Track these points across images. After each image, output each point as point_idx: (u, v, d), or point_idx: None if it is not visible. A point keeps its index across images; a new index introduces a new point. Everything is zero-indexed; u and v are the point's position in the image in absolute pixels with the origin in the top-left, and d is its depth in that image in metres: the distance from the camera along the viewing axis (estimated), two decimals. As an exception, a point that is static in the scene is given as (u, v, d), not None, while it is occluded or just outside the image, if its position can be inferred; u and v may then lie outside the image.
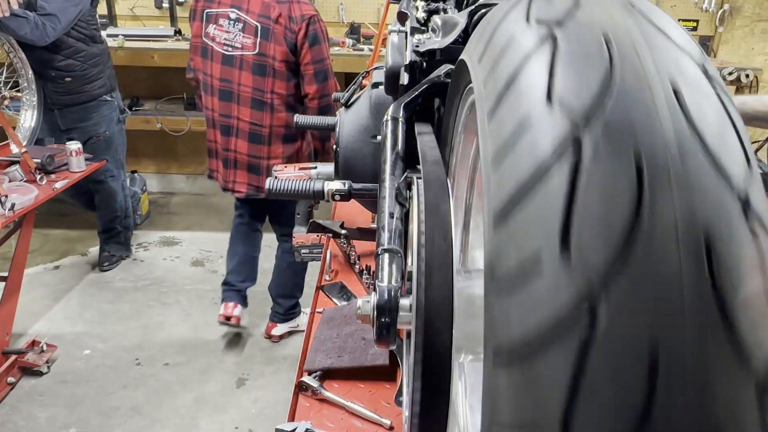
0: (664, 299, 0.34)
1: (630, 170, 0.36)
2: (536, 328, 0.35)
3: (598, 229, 0.35)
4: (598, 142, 0.37)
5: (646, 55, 0.41)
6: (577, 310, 0.34)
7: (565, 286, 0.35)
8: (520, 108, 0.41)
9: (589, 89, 0.39)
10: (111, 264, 3.66)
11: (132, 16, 4.62)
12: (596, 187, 0.36)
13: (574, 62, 0.42)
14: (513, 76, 0.44)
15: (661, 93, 0.39)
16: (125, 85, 3.92)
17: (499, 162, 0.41)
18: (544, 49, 0.43)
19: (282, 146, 2.64)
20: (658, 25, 0.45)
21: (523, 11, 0.48)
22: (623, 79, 0.40)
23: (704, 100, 0.41)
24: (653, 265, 0.34)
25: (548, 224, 0.37)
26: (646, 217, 0.35)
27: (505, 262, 0.38)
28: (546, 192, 0.37)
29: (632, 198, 0.36)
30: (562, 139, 0.38)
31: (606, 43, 0.42)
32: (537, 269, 0.36)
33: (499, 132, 0.42)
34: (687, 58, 0.43)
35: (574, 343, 0.34)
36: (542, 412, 0.35)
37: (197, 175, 4.96)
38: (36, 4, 2.88)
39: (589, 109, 0.38)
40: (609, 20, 0.44)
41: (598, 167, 0.37)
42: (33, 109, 3.02)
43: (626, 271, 0.34)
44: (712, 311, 0.34)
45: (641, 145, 0.37)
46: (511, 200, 0.39)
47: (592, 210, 0.36)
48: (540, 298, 0.36)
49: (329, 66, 2.54)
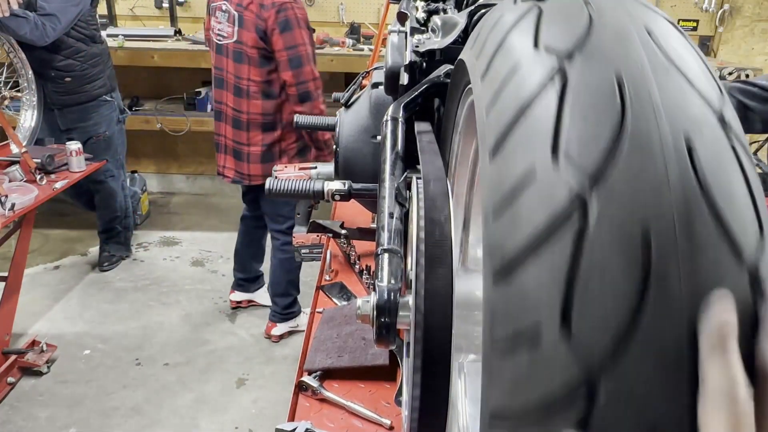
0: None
1: (636, 242, 0.35)
2: (536, 226, 0.37)
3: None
4: (603, 207, 0.36)
5: (658, 104, 0.39)
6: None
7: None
8: (526, 157, 0.40)
9: (597, 145, 0.37)
10: (111, 264, 3.66)
11: (132, 16, 4.62)
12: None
13: (583, 109, 0.39)
14: (517, 116, 0.41)
15: (673, 153, 0.37)
16: (125, 85, 3.92)
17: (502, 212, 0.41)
18: (553, 87, 0.40)
19: (261, 134, 2.66)
20: (675, 60, 0.42)
21: (531, 35, 0.45)
22: (633, 135, 0.37)
23: (719, 161, 0.38)
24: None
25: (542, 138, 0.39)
26: (653, 286, 0.34)
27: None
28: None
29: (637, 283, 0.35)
30: (568, 198, 0.37)
31: (618, 87, 0.39)
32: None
33: (500, 184, 0.41)
34: (705, 107, 0.40)
35: (571, 235, 0.35)
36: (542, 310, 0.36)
37: (197, 175, 4.96)
38: (36, 4, 2.88)
39: (597, 170, 0.37)
40: (622, 56, 0.41)
41: (603, 239, 0.36)
42: (33, 109, 3.03)
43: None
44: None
45: (648, 220, 0.36)
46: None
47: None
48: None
49: (305, 52, 2.52)
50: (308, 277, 3.12)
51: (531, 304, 0.36)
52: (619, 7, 0.45)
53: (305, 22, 2.55)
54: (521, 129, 0.41)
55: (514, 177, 0.39)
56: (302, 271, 2.98)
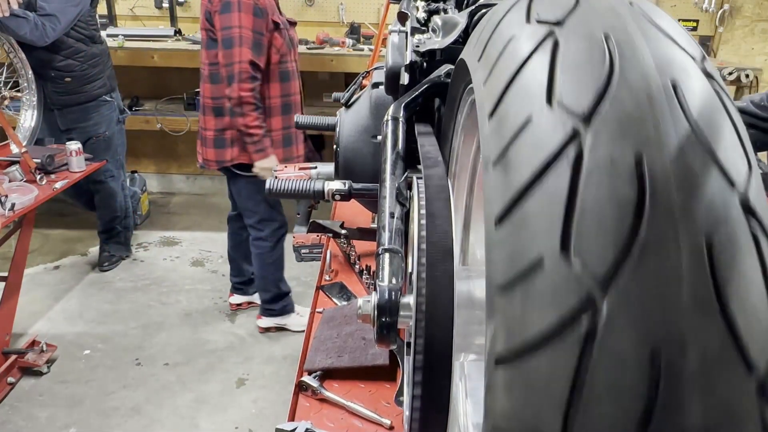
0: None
1: (630, 166, 0.36)
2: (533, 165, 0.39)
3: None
4: (596, 138, 0.37)
5: (646, 55, 0.41)
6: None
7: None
8: (523, 110, 0.41)
9: (590, 87, 0.39)
10: (111, 264, 3.66)
11: (132, 16, 4.62)
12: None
13: (573, 63, 0.41)
14: (513, 75, 0.44)
15: (662, 92, 0.39)
16: (125, 85, 3.92)
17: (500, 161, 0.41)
18: (544, 49, 0.43)
19: (213, 119, 2.65)
20: (659, 24, 0.45)
21: (524, 11, 0.48)
22: (623, 76, 0.40)
23: (703, 97, 0.41)
24: (653, 260, 0.35)
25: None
26: (647, 219, 0.35)
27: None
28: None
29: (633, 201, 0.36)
30: (563, 134, 0.38)
31: (606, 41, 0.42)
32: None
33: (499, 137, 0.42)
34: (689, 59, 0.43)
35: (567, 166, 0.37)
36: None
37: (197, 175, 4.96)
38: (36, 4, 2.88)
39: (590, 107, 0.39)
40: (608, 19, 0.44)
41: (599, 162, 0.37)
42: (33, 109, 3.03)
43: (627, 268, 0.34)
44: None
45: (641, 139, 0.37)
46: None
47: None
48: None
49: (237, 34, 2.47)
50: (308, 277, 3.13)
51: (532, 236, 0.37)
52: None
53: (250, 9, 2.47)
54: (516, 87, 0.43)
55: (512, 128, 0.41)
56: (302, 271, 2.98)
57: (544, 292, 0.36)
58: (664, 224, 0.35)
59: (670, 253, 0.34)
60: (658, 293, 0.34)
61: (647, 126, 0.37)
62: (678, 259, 0.35)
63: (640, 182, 0.36)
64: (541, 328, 0.35)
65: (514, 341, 0.36)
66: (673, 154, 0.37)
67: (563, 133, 0.38)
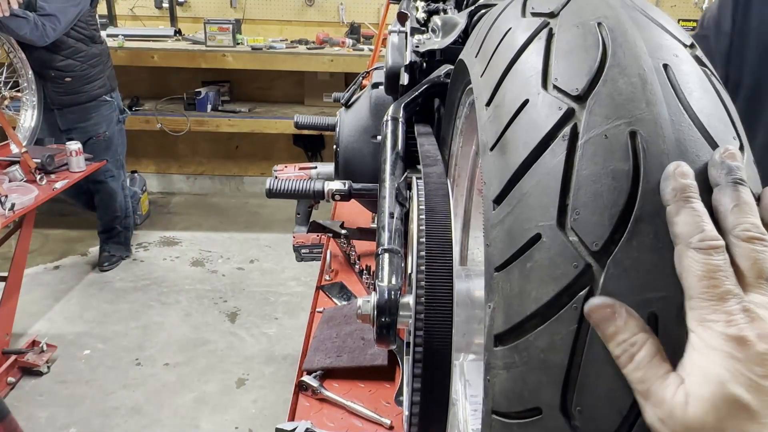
0: None
1: (625, 142, 0.37)
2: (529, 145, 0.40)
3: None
4: (591, 115, 0.38)
5: (637, 38, 0.42)
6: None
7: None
8: (519, 95, 0.42)
9: (584, 70, 0.40)
10: (111, 264, 3.66)
11: (132, 16, 4.62)
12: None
13: (568, 47, 0.43)
14: (509, 64, 0.45)
15: (654, 73, 0.40)
16: (125, 85, 3.92)
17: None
18: (539, 39, 0.44)
19: None
20: (649, 13, 0.46)
21: (519, 6, 0.50)
22: (616, 59, 0.40)
23: (693, 78, 0.41)
24: (648, 231, 0.36)
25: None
26: (641, 192, 0.36)
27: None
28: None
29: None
30: (559, 114, 0.39)
31: (599, 29, 0.43)
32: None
33: (496, 122, 0.43)
34: (677, 43, 0.44)
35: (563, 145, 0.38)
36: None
37: (197, 175, 4.96)
38: (36, 4, 2.88)
39: (585, 87, 0.39)
40: (601, 9, 0.45)
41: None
42: (33, 109, 3.03)
43: (623, 240, 0.36)
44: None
45: (634, 116, 0.38)
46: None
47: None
48: None
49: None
50: (308, 277, 3.12)
51: (530, 213, 0.38)
52: None
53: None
54: (513, 75, 0.44)
55: (508, 112, 0.42)
56: (302, 271, 2.97)
57: (542, 266, 0.36)
58: (658, 197, 0.36)
59: (665, 224, 0.35)
60: (653, 263, 0.35)
61: (640, 104, 0.38)
62: None
63: (635, 157, 0.36)
64: (540, 302, 0.36)
65: (513, 318, 0.37)
66: (666, 131, 0.37)
67: (559, 112, 0.39)
